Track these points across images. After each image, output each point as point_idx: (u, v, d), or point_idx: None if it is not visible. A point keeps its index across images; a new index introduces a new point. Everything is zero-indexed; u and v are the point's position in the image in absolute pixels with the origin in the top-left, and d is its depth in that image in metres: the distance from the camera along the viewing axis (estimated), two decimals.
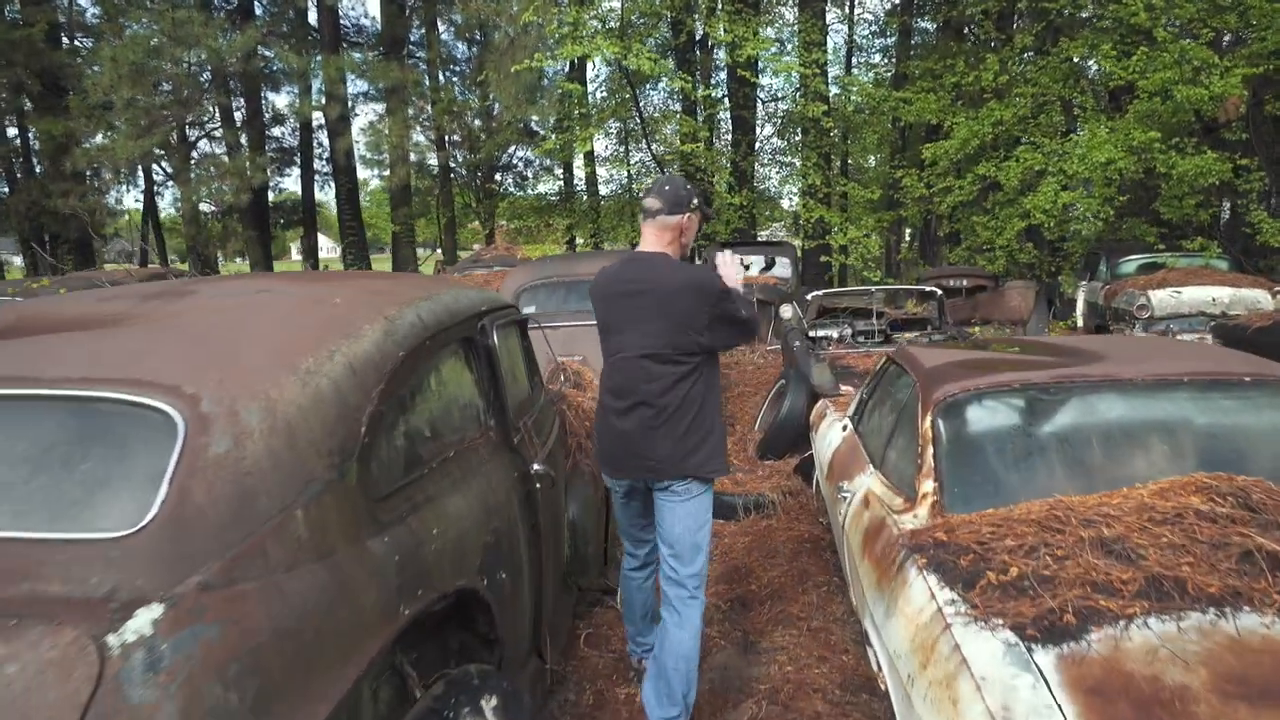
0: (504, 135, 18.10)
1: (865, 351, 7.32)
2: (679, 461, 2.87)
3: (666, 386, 2.84)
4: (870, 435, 3.75)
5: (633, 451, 2.93)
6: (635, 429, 2.90)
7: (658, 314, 2.84)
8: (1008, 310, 12.29)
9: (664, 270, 2.91)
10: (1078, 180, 13.19)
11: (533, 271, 7.41)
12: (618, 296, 2.96)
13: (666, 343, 2.83)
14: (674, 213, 2.98)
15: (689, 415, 2.86)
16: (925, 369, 3.26)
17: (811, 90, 15.41)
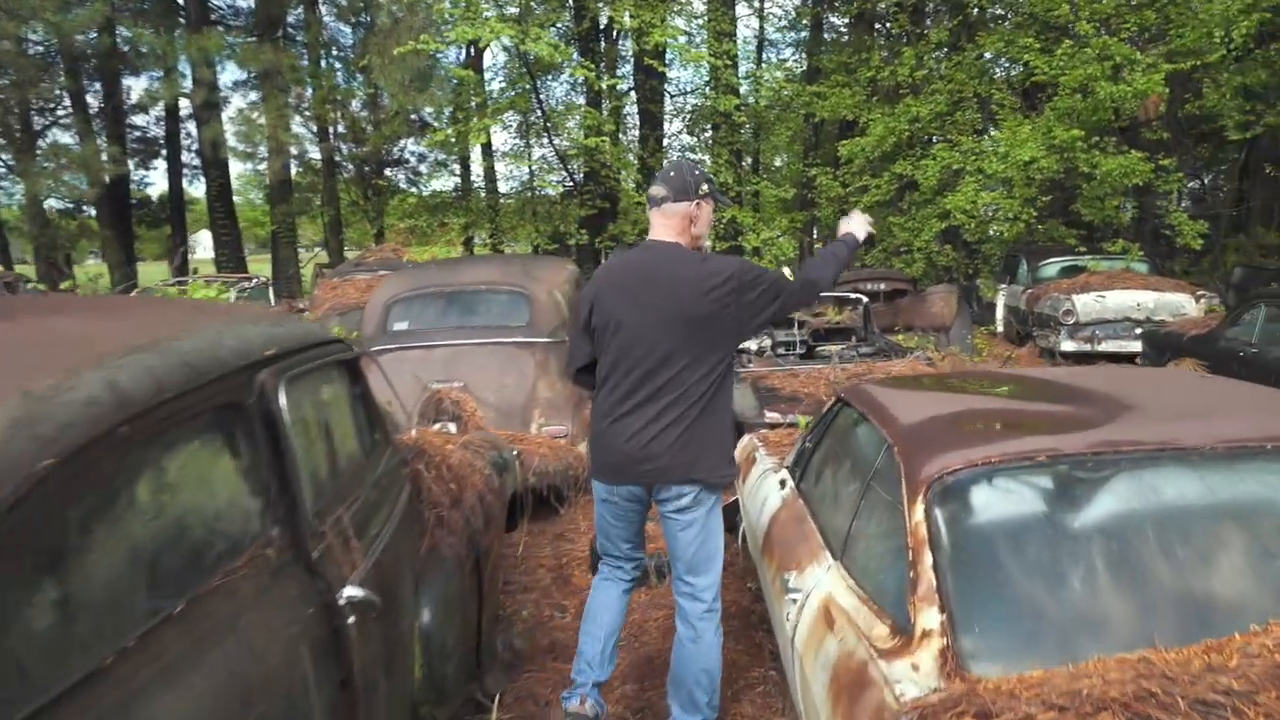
0: (391, 126, 16.80)
1: (789, 369, 6.54)
2: (690, 466, 2.70)
3: (681, 386, 2.67)
4: (822, 504, 2.90)
5: (640, 456, 2.71)
6: (644, 432, 2.69)
7: (673, 309, 2.66)
8: (930, 316, 11.81)
9: (679, 261, 2.72)
10: (996, 180, 12.86)
11: (406, 281, 6.36)
12: (626, 289, 2.75)
13: (682, 339, 2.66)
14: (680, 199, 2.78)
15: (703, 417, 2.70)
16: (901, 426, 2.42)
17: (722, 83, 14.70)
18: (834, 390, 3.10)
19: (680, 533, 2.80)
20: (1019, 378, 3.15)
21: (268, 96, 15.50)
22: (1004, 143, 12.45)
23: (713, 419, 2.74)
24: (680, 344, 2.67)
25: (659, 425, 2.68)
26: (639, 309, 2.71)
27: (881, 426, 2.51)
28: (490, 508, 3.58)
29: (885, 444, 2.43)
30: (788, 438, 4.43)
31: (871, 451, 2.58)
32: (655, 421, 2.69)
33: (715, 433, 2.75)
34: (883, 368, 6.34)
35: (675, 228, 2.81)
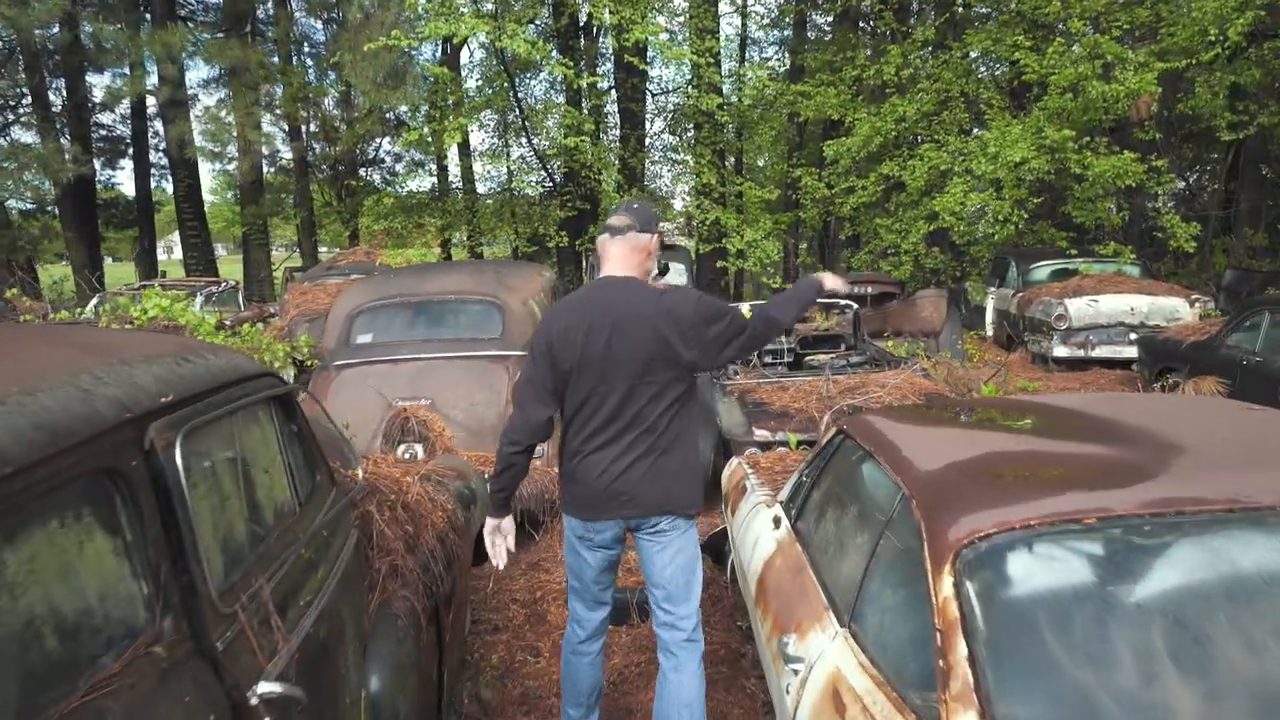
0: (364, 125, 16.37)
1: (777, 382, 6.23)
2: (664, 496, 2.74)
3: (646, 420, 2.70)
4: (824, 553, 2.58)
5: (614, 491, 2.72)
6: (615, 466, 2.71)
7: (635, 345, 2.66)
8: (919, 321, 11.55)
9: (639, 297, 2.72)
10: (985, 181, 12.61)
11: (371, 290, 6.00)
12: (588, 327, 2.69)
13: (645, 374, 2.68)
14: (645, 230, 2.83)
15: (676, 449, 2.75)
16: (918, 474, 2.11)
17: (705, 81, 14.39)
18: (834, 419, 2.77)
19: (658, 560, 2.81)
20: (1040, 407, 2.85)
21: (236, 93, 15.03)
22: (993, 143, 12.19)
23: (679, 450, 2.77)
24: (644, 378, 2.68)
25: (629, 459, 2.70)
26: (602, 346, 2.68)
27: (894, 472, 2.20)
28: (453, 548, 3.24)
29: (900, 494, 2.11)
30: (780, 463, 4.12)
31: (883, 499, 2.27)
32: (625, 455, 2.70)
33: (683, 464, 2.78)
34: (877, 379, 6.05)
35: (634, 261, 2.82)
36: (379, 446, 5.04)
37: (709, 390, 6.38)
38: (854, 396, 5.67)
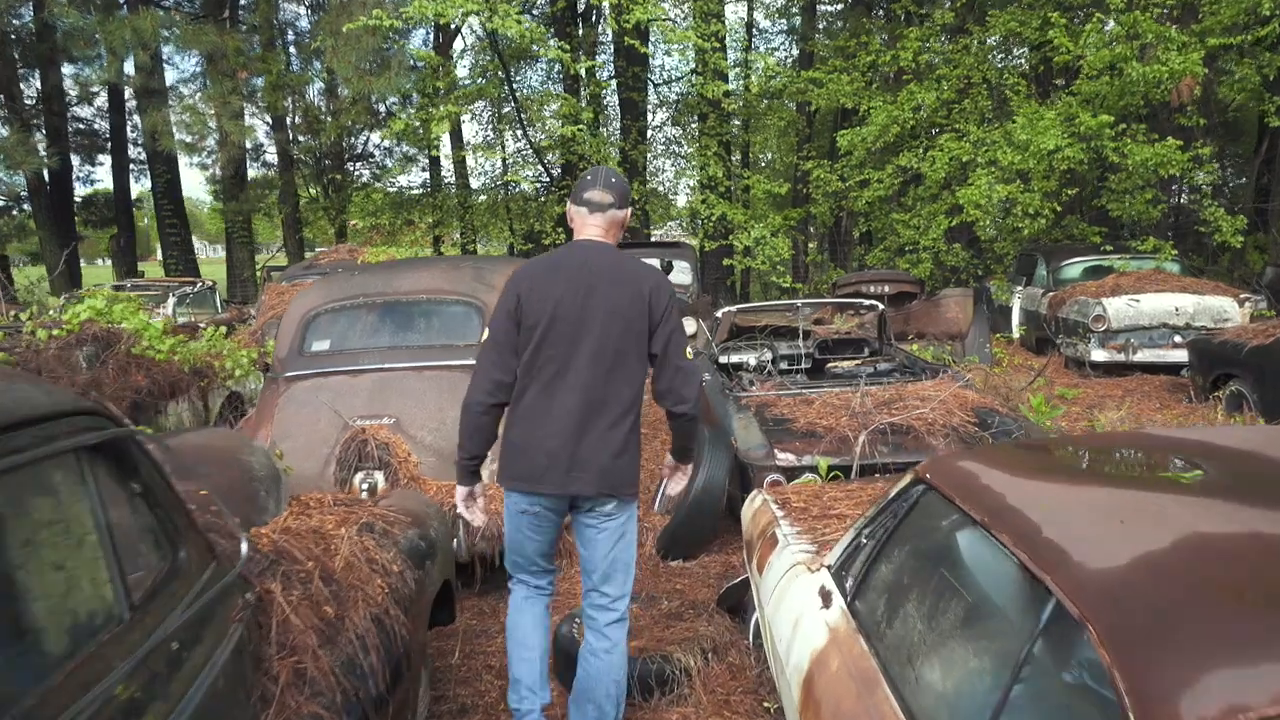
0: (349, 115, 15.60)
1: (801, 394, 5.47)
2: (621, 476, 2.71)
3: (619, 391, 2.66)
4: (906, 663, 1.81)
5: (571, 464, 2.63)
6: (578, 434, 2.63)
7: (621, 309, 2.64)
8: (944, 323, 10.78)
9: (627, 263, 2.73)
10: (1012, 172, 11.85)
11: (330, 289, 5.24)
12: (567, 283, 2.66)
13: (626, 340, 2.65)
14: (623, 206, 2.82)
15: (630, 428, 2.73)
16: (1087, 579, 1.35)
17: (710, 67, 13.63)
18: (917, 471, 2.01)
19: (601, 545, 2.77)
20: (1195, 447, 2.07)
21: (213, 81, 14.27)
22: (1019, 131, 11.42)
23: (631, 430, 2.74)
24: (612, 347, 2.63)
25: (595, 431, 2.64)
26: (576, 307, 2.63)
27: (1040, 566, 1.43)
28: (396, 631, 2.48)
29: (1052, 605, 1.34)
30: (817, 501, 3.36)
31: (1013, 600, 1.50)
32: (590, 426, 2.64)
33: (634, 444, 2.77)
34: (914, 391, 5.28)
35: (612, 235, 2.82)
36: (332, 474, 4.28)
37: (720, 403, 5.62)
38: (890, 413, 4.90)
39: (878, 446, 4.61)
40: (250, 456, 2.98)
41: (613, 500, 2.71)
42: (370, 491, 4.24)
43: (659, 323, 2.66)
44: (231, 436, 3.21)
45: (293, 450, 4.36)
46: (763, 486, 4.57)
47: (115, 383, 6.15)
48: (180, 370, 6.88)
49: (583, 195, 2.80)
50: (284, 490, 3.04)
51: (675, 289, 9.24)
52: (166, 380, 6.58)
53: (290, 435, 4.43)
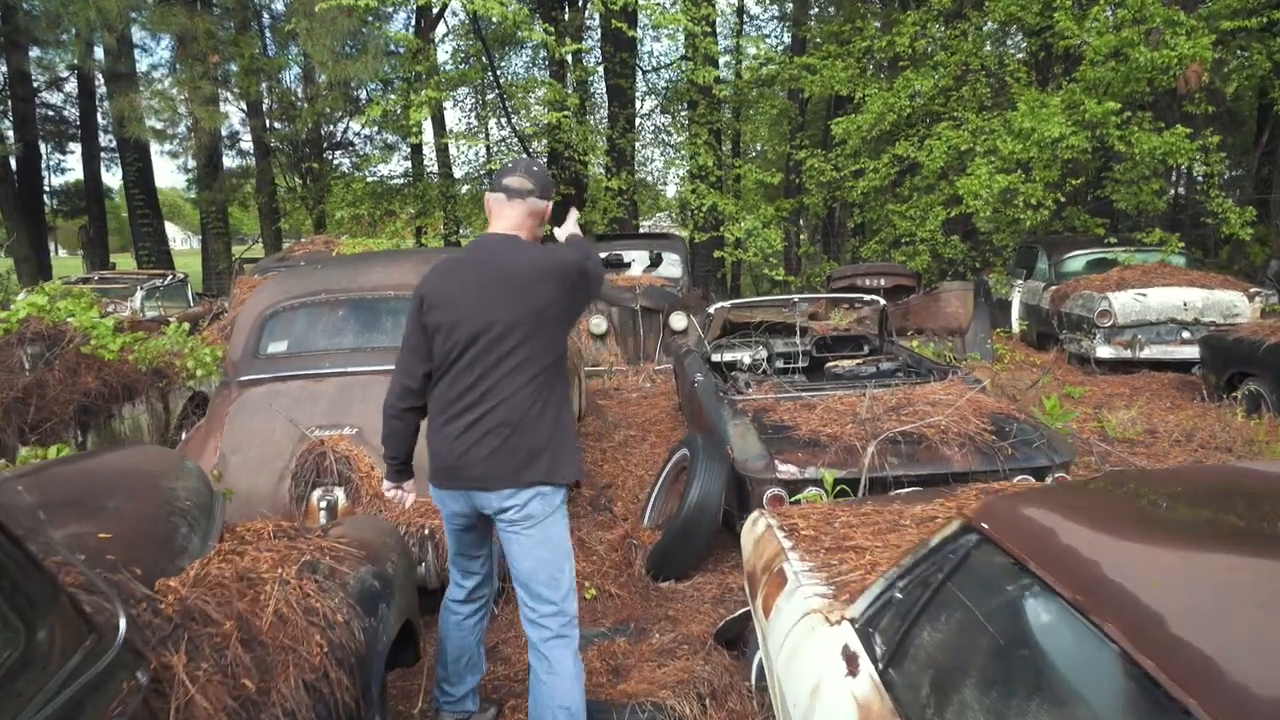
0: (325, 102, 15.09)
1: (800, 398, 5.09)
2: (514, 477, 2.60)
3: (512, 392, 2.59)
4: None
5: (468, 460, 2.61)
6: (469, 439, 2.60)
7: (516, 305, 2.59)
8: (944, 318, 10.46)
9: (526, 254, 2.66)
10: (1012, 161, 11.49)
11: (289, 285, 4.82)
12: (470, 282, 2.63)
13: (521, 340, 2.59)
14: (544, 197, 2.76)
15: (537, 427, 2.61)
16: None
17: (701, 52, 13.20)
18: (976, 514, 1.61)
19: (514, 550, 2.68)
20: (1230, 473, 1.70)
21: (184, 63, 13.73)
22: (1020, 120, 11.06)
23: (541, 428, 2.62)
24: (509, 346, 2.59)
25: (477, 433, 2.60)
26: (471, 306, 2.62)
27: (1177, 683, 1.04)
28: (338, 694, 2.09)
29: None
30: (827, 526, 2.98)
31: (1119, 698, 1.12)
32: (474, 428, 2.60)
33: (543, 442, 2.63)
34: (924, 394, 4.92)
35: (528, 225, 2.75)
36: (287, 491, 3.88)
37: (714, 406, 5.25)
38: (900, 419, 4.54)
39: (888, 458, 4.24)
40: (176, 482, 2.58)
41: (522, 492, 2.61)
42: (329, 511, 3.85)
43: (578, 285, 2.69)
44: (159, 457, 2.80)
45: (243, 464, 3.96)
46: (763, 502, 4.21)
47: (62, 385, 5.73)
48: (136, 370, 6.46)
49: (501, 181, 2.73)
50: (217, 520, 2.64)
51: (666, 283, 8.79)
52: (120, 381, 6.17)
53: (241, 447, 4.03)
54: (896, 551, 2.58)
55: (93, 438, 5.92)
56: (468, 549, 2.88)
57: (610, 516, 5.23)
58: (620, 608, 4.04)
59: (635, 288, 10.63)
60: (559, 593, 2.68)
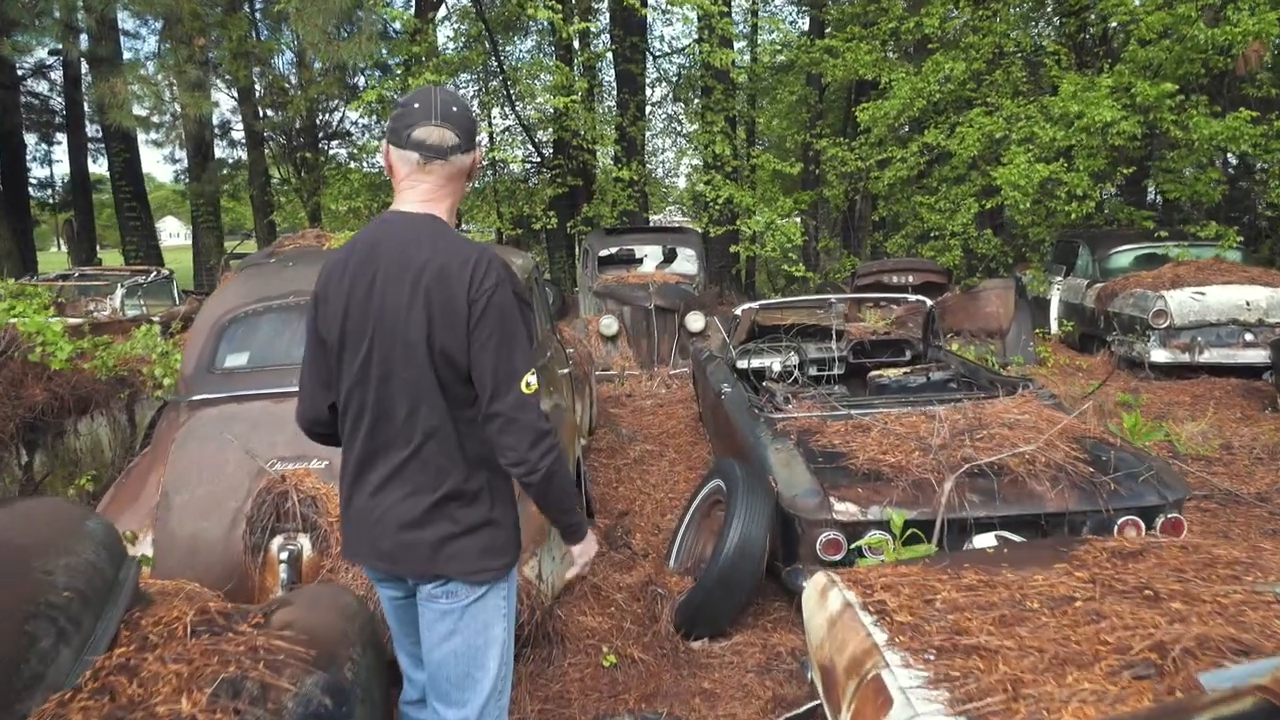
0: (319, 87, 14.39)
1: (849, 416, 4.40)
2: (431, 552, 1.92)
3: (414, 434, 1.90)
4: None
5: (375, 532, 1.96)
6: (377, 498, 1.95)
7: (404, 312, 1.86)
8: (983, 318, 9.76)
9: (424, 242, 1.88)
10: (1052, 149, 10.78)
11: (253, 286, 4.16)
12: (357, 284, 1.91)
13: (410, 367, 1.88)
14: (469, 149, 1.97)
15: (452, 472, 1.92)
16: None
17: (717, 33, 12.49)
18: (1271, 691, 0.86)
19: (426, 636, 2.02)
20: None
21: (173, 45, 13.04)
22: (1061, 104, 10.34)
23: (474, 475, 1.94)
24: (402, 368, 1.88)
25: (389, 489, 1.94)
26: (359, 315, 1.91)
27: None
28: None
29: None
30: (923, 603, 2.30)
31: None
32: (386, 483, 1.94)
33: (479, 497, 1.95)
34: (996, 412, 4.23)
35: (447, 191, 1.97)
36: (242, 539, 3.21)
37: (749, 426, 4.57)
38: (973, 443, 3.85)
39: (966, 494, 3.55)
40: (57, 559, 1.91)
41: (436, 585, 1.97)
42: (291, 565, 3.17)
43: (467, 334, 1.85)
44: (47, 517, 2.14)
45: (189, 505, 3.29)
46: (816, 549, 3.53)
47: (5, 397, 5.09)
48: (93, 379, 5.81)
49: (409, 134, 1.90)
50: (115, 609, 1.97)
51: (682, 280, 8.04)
52: (73, 393, 5.51)
53: (187, 483, 3.35)
54: (1041, 659, 1.90)
55: (41, 458, 5.28)
56: (410, 628, 2.18)
57: (629, 554, 4.56)
58: (645, 677, 3.37)
59: (648, 285, 9.96)
60: (475, 700, 2.02)
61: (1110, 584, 2.29)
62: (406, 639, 2.19)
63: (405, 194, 1.96)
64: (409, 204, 1.95)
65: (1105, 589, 2.27)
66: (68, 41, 14.30)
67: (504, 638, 2.04)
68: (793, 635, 3.66)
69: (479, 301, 1.84)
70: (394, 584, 2.08)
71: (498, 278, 1.86)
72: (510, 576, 2.04)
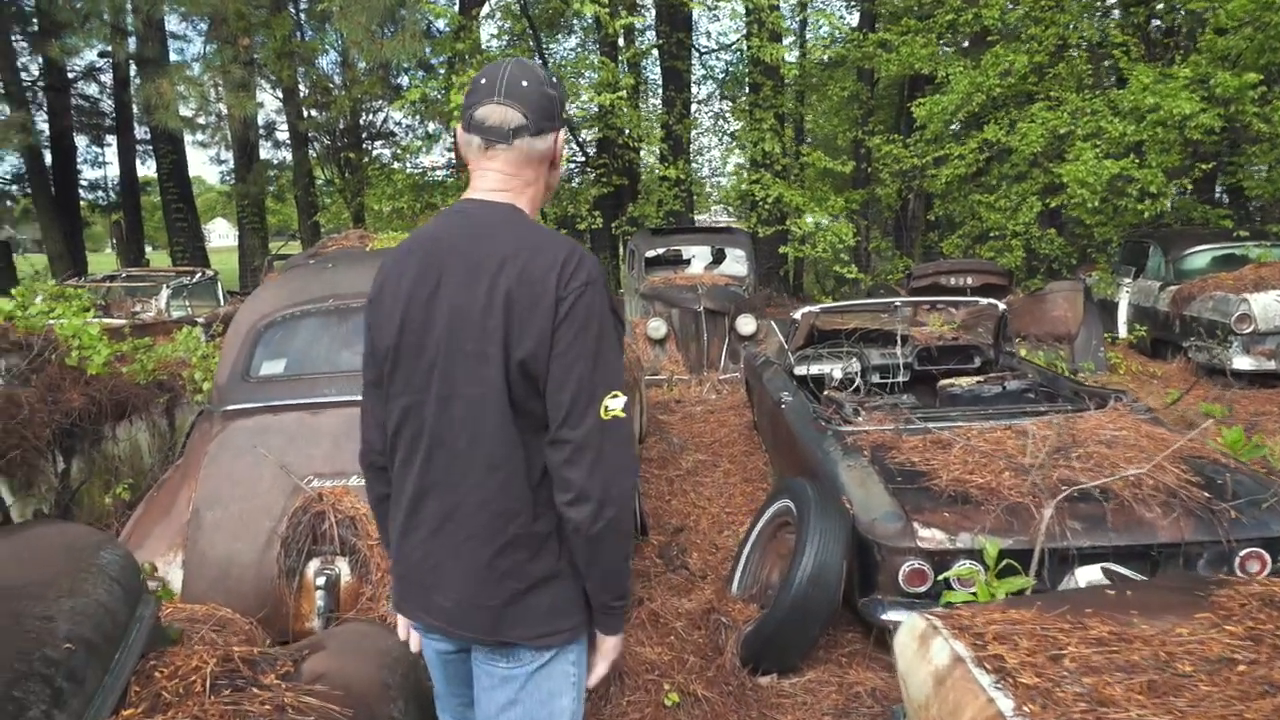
0: (362, 87, 14.31)
1: (927, 430, 4.07)
2: (497, 614, 1.61)
3: (491, 454, 1.58)
4: None
5: (426, 583, 1.67)
6: (430, 536, 1.65)
7: (502, 314, 1.53)
8: (1050, 322, 9.31)
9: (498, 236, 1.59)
10: (1121, 145, 10.29)
11: (289, 289, 3.94)
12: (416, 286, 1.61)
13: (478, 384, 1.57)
14: (544, 130, 1.64)
15: (520, 514, 1.60)
16: None
17: (767, 27, 12.15)
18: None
19: (483, 702, 1.70)
20: None
21: (218, 45, 13.05)
22: (1134, 97, 9.86)
23: (543, 520, 1.60)
24: (480, 387, 1.56)
25: (448, 535, 1.62)
26: (421, 318, 1.60)
27: None
28: None
29: None
30: (1048, 658, 1.99)
31: None
32: (443, 527, 1.63)
33: (545, 547, 1.61)
34: (1089, 427, 3.88)
35: (525, 180, 1.66)
36: (276, 561, 2.98)
37: (814, 440, 4.26)
38: (1072, 466, 3.50)
39: (1066, 521, 3.21)
40: (61, 602, 1.68)
41: (498, 651, 1.66)
42: (328, 590, 2.94)
43: (548, 342, 1.53)
44: (59, 549, 1.91)
45: (221, 524, 3.08)
46: (899, 579, 3.21)
47: (42, 403, 4.94)
48: (132, 384, 5.67)
49: (472, 115, 1.63)
50: (127, 660, 1.73)
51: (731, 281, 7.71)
52: (111, 397, 5.37)
53: (220, 500, 3.14)
54: None
55: (79, 465, 5.14)
56: (460, 687, 1.85)
57: (687, 576, 4.27)
58: (710, 719, 3.07)
59: (697, 287, 9.66)
60: None
61: (1276, 643, 1.95)
62: (454, 698, 1.86)
63: (474, 184, 1.68)
64: (476, 190, 1.67)
65: (1273, 651, 1.93)
66: (116, 43, 14.41)
67: (573, 709, 1.72)
68: (871, 673, 3.34)
69: (566, 299, 1.52)
70: (446, 639, 1.76)
71: (589, 277, 1.55)
72: (581, 639, 1.71)
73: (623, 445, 1.57)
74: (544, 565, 1.62)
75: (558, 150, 1.70)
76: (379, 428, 1.77)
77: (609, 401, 1.55)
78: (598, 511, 1.54)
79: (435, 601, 1.67)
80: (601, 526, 1.54)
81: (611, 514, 1.55)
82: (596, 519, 1.54)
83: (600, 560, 1.60)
